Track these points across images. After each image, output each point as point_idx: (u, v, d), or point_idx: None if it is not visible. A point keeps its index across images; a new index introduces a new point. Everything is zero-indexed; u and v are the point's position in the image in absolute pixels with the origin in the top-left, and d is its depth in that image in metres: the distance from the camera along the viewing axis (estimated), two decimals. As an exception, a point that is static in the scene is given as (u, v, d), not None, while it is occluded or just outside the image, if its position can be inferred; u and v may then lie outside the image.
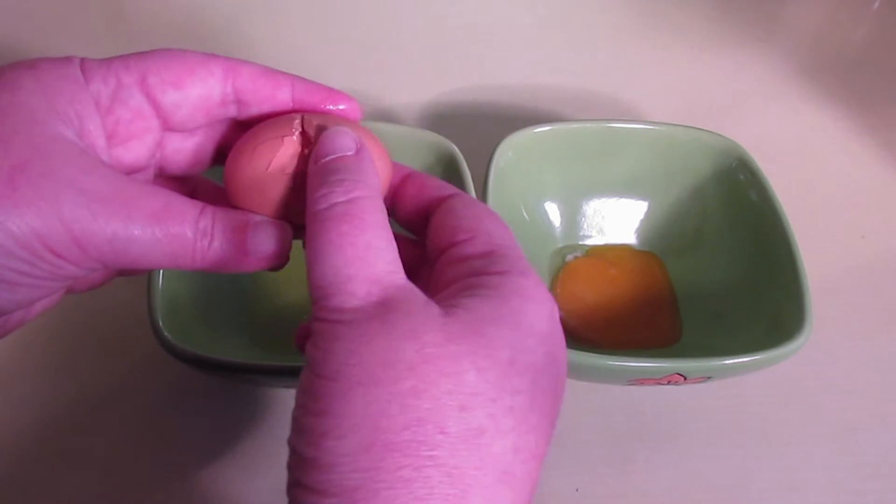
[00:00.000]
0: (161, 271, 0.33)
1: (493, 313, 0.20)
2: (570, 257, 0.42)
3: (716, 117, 0.49)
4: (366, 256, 0.20)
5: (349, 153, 0.22)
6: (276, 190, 0.23)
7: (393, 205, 0.26)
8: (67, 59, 0.23)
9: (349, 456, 0.18)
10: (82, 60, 0.23)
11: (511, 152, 0.39)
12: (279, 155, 0.23)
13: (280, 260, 0.23)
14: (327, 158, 0.22)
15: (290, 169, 0.23)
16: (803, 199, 0.45)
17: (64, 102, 0.21)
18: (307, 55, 0.55)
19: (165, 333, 0.31)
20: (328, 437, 0.18)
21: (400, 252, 0.21)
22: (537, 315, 0.21)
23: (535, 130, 0.40)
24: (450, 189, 0.25)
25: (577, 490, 0.34)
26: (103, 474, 0.34)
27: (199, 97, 0.24)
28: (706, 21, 0.60)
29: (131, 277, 0.38)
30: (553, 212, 0.42)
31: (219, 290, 0.37)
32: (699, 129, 0.41)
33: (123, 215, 0.21)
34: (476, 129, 0.50)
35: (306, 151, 0.23)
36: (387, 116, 0.51)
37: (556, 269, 0.41)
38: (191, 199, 0.22)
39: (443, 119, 0.51)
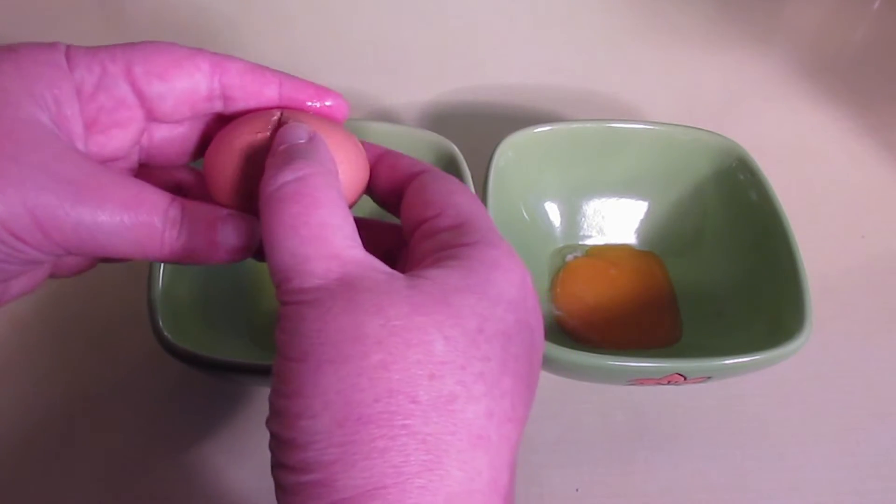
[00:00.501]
0: (161, 271, 0.33)
1: (460, 283, 0.20)
2: (570, 257, 0.42)
3: (716, 117, 0.49)
4: (321, 234, 0.20)
5: (301, 141, 0.23)
6: (249, 184, 0.23)
7: (370, 185, 0.26)
8: (52, 45, 0.23)
9: (324, 433, 0.18)
10: (68, 47, 0.23)
11: (511, 152, 0.39)
12: (254, 149, 0.23)
13: (247, 253, 0.24)
14: (280, 147, 0.22)
15: (264, 164, 0.23)
16: (803, 199, 0.45)
17: (42, 87, 0.22)
18: (307, 55, 0.55)
19: (165, 333, 0.31)
20: (302, 417, 0.18)
21: (381, 237, 0.21)
22: (506, 283, 0.21)
23: (535, 130, 0.40)
24: (421, 165, 0.25)
25: (577, 490, 0.34)
26: (103, 473, 0.34)
27: (184, 90, 0.24)
28: (706, 21, 0.60)
29: (132, 277, 0.38)
30: (553, 212, 0.42)
31: (219, 290, 0.37)
32: (699, 129, 0.41)
33: (91, 202, 0.21)
34: (476, 129, 0.50)
35: None
36: (387, 116, 0.51)
37: (556, 269, 0.41)
38: (161, 190, 0.23)
39: (443, 119, 0.51)
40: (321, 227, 0.20)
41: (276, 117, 0.24)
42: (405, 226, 0.24)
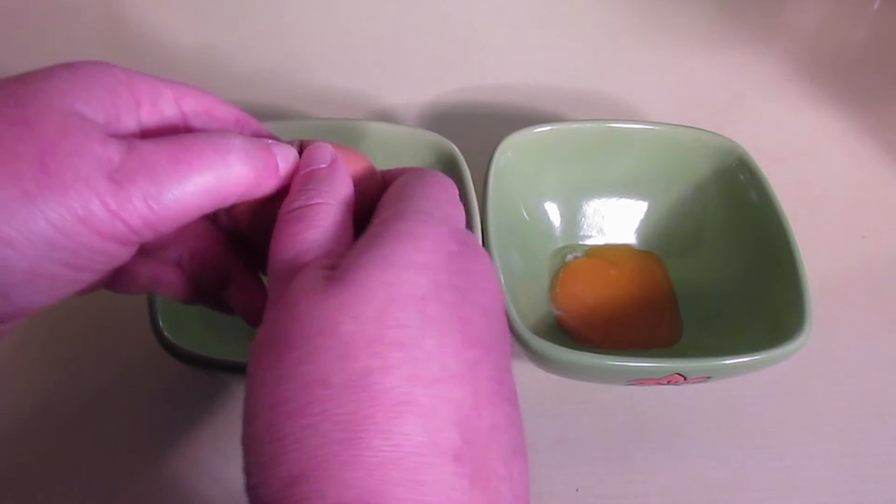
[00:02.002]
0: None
1: (366, 259, 0.21)
2: (570, 257, 0.42)
3: (716, 117, 0.49)
4: (306, 249, 0.22)
5: (322, 165, 0.25)
6: (267, 210, 0.25)
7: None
8: (108, 64, 0.23)
9: (259, 437, 0.19)
10: (125, 69, 0.24)
11: (511, 152, 0.39)
12: None
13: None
14: (305, 170, 0.25)
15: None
16: (803, 199, 0.45)
17: (102, 95, 0.22)
18: (307, 55, 0.55)
19: (165, 333, 0.31)
20: (245, 426, 0.20)
21: None
22: (412, 250, 0.21)
23: (535, 130, 0.40)
24: (403, 170, 0.26)
25: (577, 490, 0.34)
26: (103, 473, 0.34)
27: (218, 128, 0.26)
28: (706, 21, 0.60)
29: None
30: (553, 212, 0.42)
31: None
32: (699, 129, 0.41)
33: (159, 174, 0.21)
34: (476, 129, 0.50)
35: None
36: (387, 116, 0.51)
37: (556, 269, 0.41)
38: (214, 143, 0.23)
39: (443, 119, 0.51)
40: (310, 243, 0.22)
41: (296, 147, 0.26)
42: None
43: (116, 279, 0.27)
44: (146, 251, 0.27)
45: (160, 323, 0.31)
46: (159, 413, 0.36)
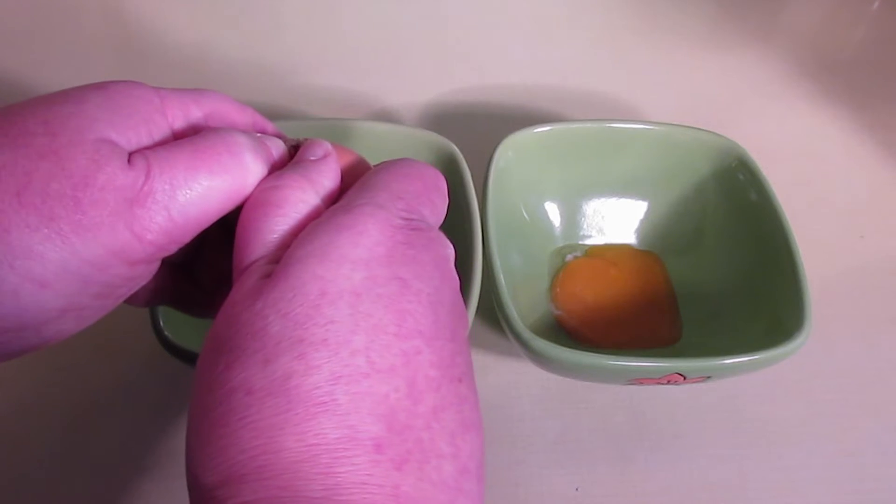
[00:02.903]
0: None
1: (303, 251, 0.20)
2: (569, 257, 0.42)
3: (716, 117, 0.49)
4: (254, 241, 0.22)
5: (312, 158, 0.24)
6: None
7: None
8: (140, 84, 0.23)
9: (190, 445, 0.19)
10: (157, 88, 0.24)
11: (511, 152, 0.39)
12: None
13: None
14: (294, 161, 0.24)
15: None
16: (803, 199, 0.45)
17: (136, 121, 0.22)
18: (307, 55, 0.55)
19: (166, 333, 0.31)
20: (186, 440, 0.20)
21: None
22: (350, 244, 0.21)
23: (535, 130, 0.40)
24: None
25: (577, 490, 0.34)
26: (103, 473, 0.34)
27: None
28: (706, 21, 0.60)
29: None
30: (553, 212, 0.42)
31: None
32: (699, 129, 0.41)
33: (181, 185, 0.21)
34: (476, 129, 0.50)
35: None
36: (387, 116, 0.51)
37: (555, 268, 0.41)
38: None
39: (443, 119, 0.51)
40: (264, 233, 0.22)
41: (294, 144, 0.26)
42: None
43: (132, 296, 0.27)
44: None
45: (160, 323, 0.31)
46: (159, 413, 0.36)
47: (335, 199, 0.24)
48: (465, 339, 0.23)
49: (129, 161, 0.21)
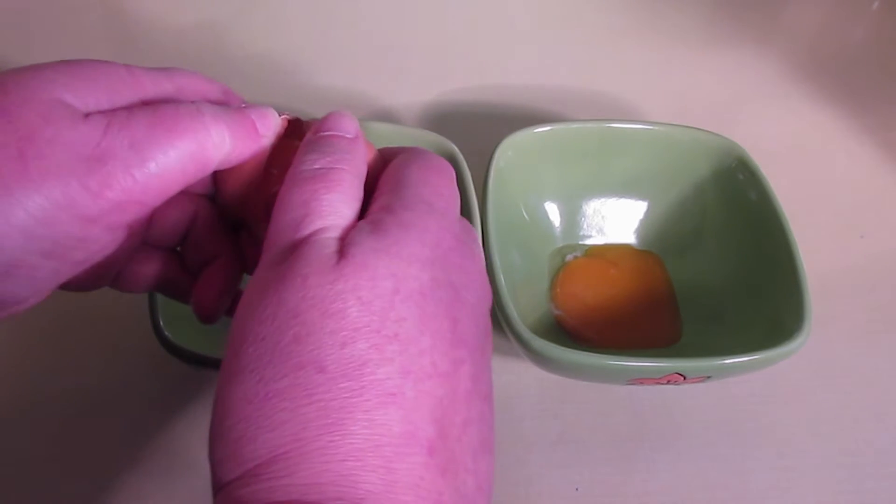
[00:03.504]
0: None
1: (376, 245, 0.21)
2: (569, 257, 0.42)
3: (716, 117, 0.49)
4: (320, 210, 0.21)
5: (348, 136, 0.24)
6: (265, 181, 0.25)
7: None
8: (110, 61, 0.24)
9: (234, 409, 0.19)
10: (130, 65, 0.24)
11: (511, 152, 0.39)
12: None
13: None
14: (328, 133, 0.24)
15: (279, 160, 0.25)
16: (803, 199, 0.45)
17: (99, 78, 0.22)
18: (307, 55, 0.55)
19: (166, 332, 0.31)
20: (219, 390, 0.19)
21: None
22: (418, 243, 0.21)
23: (535, 130, 0.40)
24: (398, 150, 0.26)
25: (577, 490, 0.34)
26: (103, 473, 0.34)
27: None
28: (706, 21, 0.60)
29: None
30: (553, 212, 0.42)
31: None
32: (699, 129, 0.41)
33: (139, 148, 0.21)
34: (476, 129, 0.50)
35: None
36: (387, 116, 0.51)
37: (555, 268, 0.41)
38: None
39: (443, 119, 0.51)
40: (328, 204, 0.22)
41: (283, 122, 0.26)
42: None
43: (120, 276, 0.27)
44: (145, 242, 0.27)
45: (160, 323, 0.31)
46: (159, 413, 0.36)
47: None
48: (490, 358, 0.23)
49: (86, 119, 0.21)
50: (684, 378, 0.32)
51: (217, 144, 0.23)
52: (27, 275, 0.21)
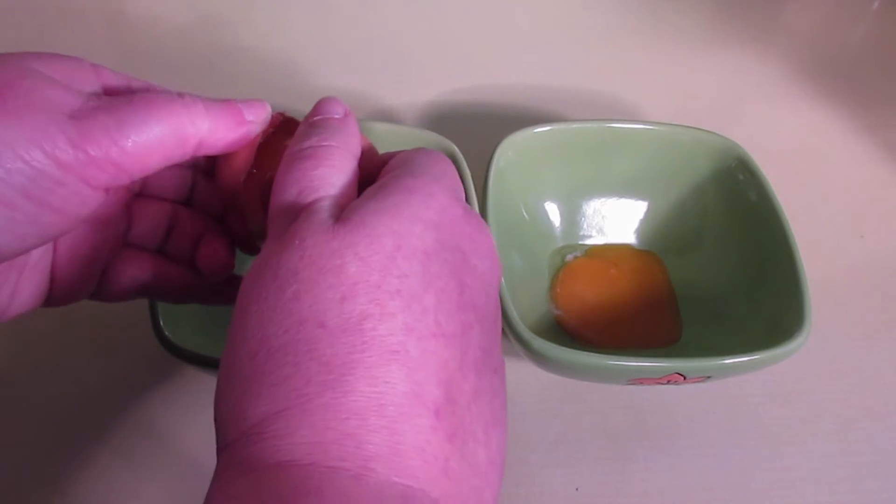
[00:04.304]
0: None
1: (377, 206, 0.21)
2: (570, 257, 0.42)
3: (716, 117, 0.49)
4: (313, 184, 0.22)
5: (336, 116, 0.25)
6: (259, 176, 0.26)
7: None
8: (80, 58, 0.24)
9: (237, 367, 0.19)
10: (93, 64, 0.24)
11: (511, 152, 0.39)
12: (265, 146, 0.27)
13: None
14: (317, 118, 0.25)
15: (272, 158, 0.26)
16: (803, 198, 0.45)
17: (67, 65, 0.23)
18: (307, 55, 0.55)
19: (166, 332, 0.31)
20: (226, 354, 0.19)
21: None
22: (421, 205, 0.21)
23: (535, 130, 0.40)
24: (399, 152, 0.26)
25: (577, 489, 0.34)
26: (103, 473, 0.34)
27: None
28: (706, 21, 0.60)
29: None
30: (553, 212, 0.42)
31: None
32: (699, 129, 0.41)
33: (116, 111, 0.21)
34: (476, 129, 0.50)
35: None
36: (387, 116, 0.51)
37: (555, 268, 0.41)
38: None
39: (443, 119, 0.51)
40: (319, 179, 0.22)
41: (278, 118, 0.27)
42: None
43: (106, 278, 0.27)
44: (128, 243, 0.27)
45: (160, 323, 0.31)
46: (159, 413, 0.36)
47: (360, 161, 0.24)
48: (500, 333, 0.23)
49: (64, 87, 0.21)
50: (684, 378, 0.32)
51: (195, 121, 0.23)
52: (4, 215, 0.20)
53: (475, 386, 0.20)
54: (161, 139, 0.22)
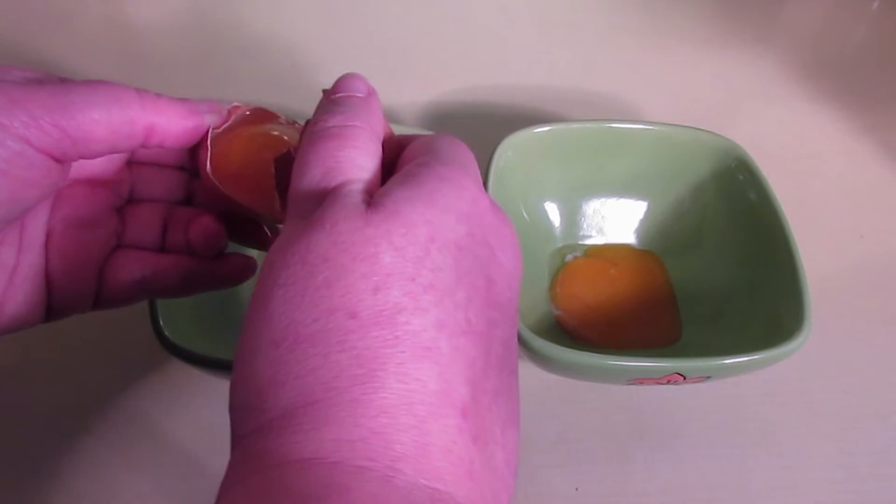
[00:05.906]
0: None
1: (410, 193, 0.20)
2: (569, 257, 0.42)
3: (716, 117, 0.49)
4: (341, 166, 0.21)
5: (360, 94, 0.24)
6: (254, 173, 0.27)
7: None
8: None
9: (260, 353, 0.18)
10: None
11: (511, 152, 0.39)
12: (260, 141, 0.27)
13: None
14: (339, 94, 0.24)
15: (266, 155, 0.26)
16: (802, 199, 0.45)
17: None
18: (307, 55, 0.55)
19: (166, 332, 0.31)
20: (244, 341, 0.19)
21: None
22: (454, 195, 0.20)
23: (535, 130, 0.40)
24: (416, 136, 0.26)
25: (577, 489, 0.34)
26: (103, 473, 0.34)
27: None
28: (706, 21, 0.60)
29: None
30: (553, 212, 0.42)
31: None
32: (699, 129, 0.41)
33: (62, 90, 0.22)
34: (476, 129, 0.50)
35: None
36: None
37: (555, 268, 0.41)
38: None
39: (443, 119, 0.51)
40: (346, 160, 0.21)
41: (234, 109, 0.27)
42: None
43: (103, 286, 0.26)
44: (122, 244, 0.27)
45: (160, 322, 0.31)
46: (159, 413, 0.36)
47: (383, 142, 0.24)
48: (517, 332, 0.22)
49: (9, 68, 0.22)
50: (684, 378, 0.32)
51: (143, 105, 0.23)
52: None
53: (496, 385, 0.19)
54: (107, 108, 0.22)
